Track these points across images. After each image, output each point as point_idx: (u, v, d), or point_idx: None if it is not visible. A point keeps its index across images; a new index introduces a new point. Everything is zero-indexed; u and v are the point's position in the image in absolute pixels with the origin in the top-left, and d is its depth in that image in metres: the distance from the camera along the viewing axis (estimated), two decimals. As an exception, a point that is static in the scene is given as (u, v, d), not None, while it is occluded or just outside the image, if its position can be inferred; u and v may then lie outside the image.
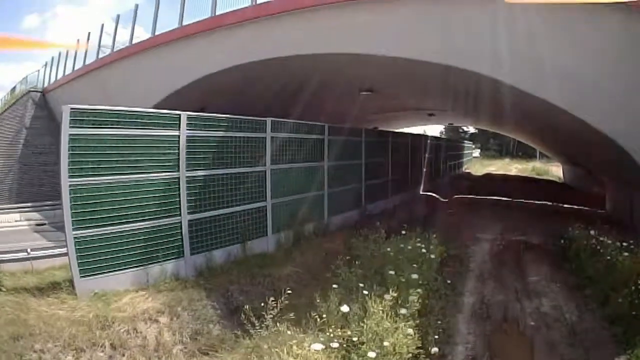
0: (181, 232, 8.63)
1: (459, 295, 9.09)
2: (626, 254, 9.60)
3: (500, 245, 13.48)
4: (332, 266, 8.20)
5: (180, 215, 8.65)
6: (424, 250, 9.31)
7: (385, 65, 12.07)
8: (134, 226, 7.93)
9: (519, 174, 40.52)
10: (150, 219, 8.19)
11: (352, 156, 15.44)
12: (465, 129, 66.10)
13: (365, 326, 6.04)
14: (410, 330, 6.19)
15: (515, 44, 9.36)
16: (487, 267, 11.27)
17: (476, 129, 63.26)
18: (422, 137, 28.15)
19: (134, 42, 16.94)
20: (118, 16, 18.56)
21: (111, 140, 7.68)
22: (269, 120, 10.87)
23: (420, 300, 7.21)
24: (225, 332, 6.92)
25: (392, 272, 7.86)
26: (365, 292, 6.78)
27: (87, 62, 20.11)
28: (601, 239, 11.04)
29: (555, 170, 39.82)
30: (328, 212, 13.43)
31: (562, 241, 12.37)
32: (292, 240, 11.17)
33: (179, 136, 8.64)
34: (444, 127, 56.48)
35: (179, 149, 8.62)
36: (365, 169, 16.31)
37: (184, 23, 14.64)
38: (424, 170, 26.18)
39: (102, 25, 19.61)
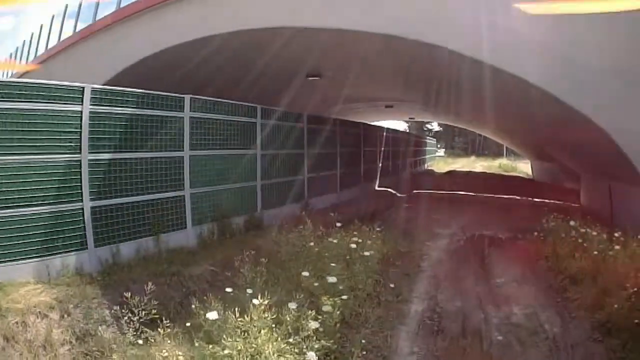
0: (83, 221, 8.12)
1: (403, 302, 7.88)
2: (618, 247, 8.42)
3: (461, 242, 12.65)
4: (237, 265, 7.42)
5: (82, 201, 8.12)
6: (358, 247, 8.42)
7: (321, 42, 11.92)
8: (32, 210, 7.50)
9: (484, 171, 39.73)
10: (49, 204, 7.73)
11: (292, 144, 14.75)
12: (429, 126, 66.59)
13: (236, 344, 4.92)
14: (311, 355, 4.90)
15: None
16: (443, 266, 10.24)
17: (440, 126, 63.86)
18: (378, 128, 26.91)
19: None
20: (66, 6, 19.74)
21: (4, 116, 7.23)
22: (187, 97, 10.24)
23: (341, 310, 6.24)
24: (117, 335, 6.40)
25: (306, 274, 7.02)
26: (256, 300, 5.53)
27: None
28: (583, 230, 9.81)
29: (524, 167, 39.54)
30: (262, 205, 12.80)
31: (536, 235, 11.21)
32: (216, 234, 10.64)
33: (81, 112, 8.07)
34: (407, 124, 55.77)
35: (81, 127, 8.08)
36: (308, 160, 15.79)
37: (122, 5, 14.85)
38: (380, 164, 25.61)
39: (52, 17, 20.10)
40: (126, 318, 6.19)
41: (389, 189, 23.52)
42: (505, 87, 10.96)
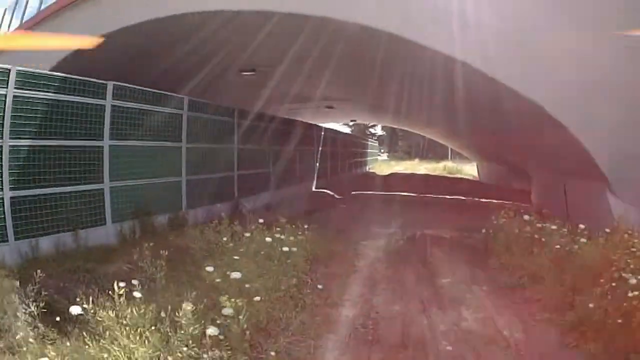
0: (3, 211, 8.02)
1: (333, 306, 6.93)
2: (584, 240, 7.45)
3: (401, 241, 11.73)
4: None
5: (1, 190, 8.02)
6: (282, 246, 7.75)
7: (250, 29, 11.65)
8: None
9: (428, 173, 39.54)
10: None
11: (221, 139, 14.73)
12: (372, 130, 66.55)
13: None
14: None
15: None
16: (381, 266, 9.29)
17: (384, 130, 64.34)
18: (315, 127, 26.48)
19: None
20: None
21: None
22: (110, 84, 10.08)
23: (253, 314, 5.33)
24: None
25: (210, 269, 6.25)
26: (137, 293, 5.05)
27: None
28: (540, 225, 8.88)
29: (470, 170, 39.46)
30: (187, 203, 12.56)
31: (484, 233, 10.40)
32: (138, 232, 10.43)
33: (5, 95, 8.00)
34: (350, 128, 55.46)
35: (4, 111, 8.02)
36: (239, 156, 15.67)
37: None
38: (318, 164, 25.44)
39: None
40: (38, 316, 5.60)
41: (327, 190, 22.94)
42: (462, 80, 10.66)
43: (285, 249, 7.58)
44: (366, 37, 10.25)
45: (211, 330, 4.45)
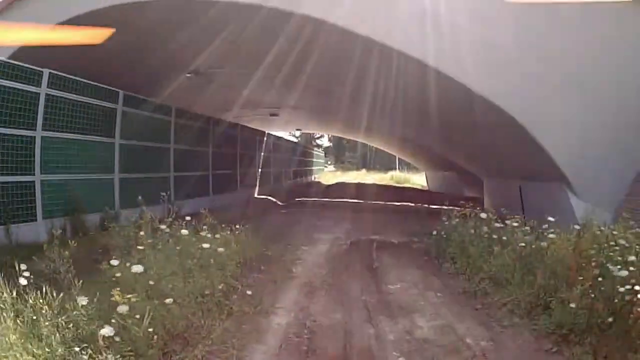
0: None
1: (263, 314, 6.14)
2: (553, 235, 6.64)
3: (344, 246, 10.98)
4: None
5: None
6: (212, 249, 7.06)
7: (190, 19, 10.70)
8: None
9: (375, 182, 39.02)
10: None
11: (157, 138, 14.45)
12: (319, 142, 66.48)
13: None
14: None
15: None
16: (321, 272, 8.47)
17: (331, 141, 64.25)
18: (258, 132, 26.11)
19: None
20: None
21: None
22: (46, 71, 9.82)
23: (159, 317, 4.84)
24: None
25: (115, 261, 5.66)
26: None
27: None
28: (499, 224, 8.10)
29: (418, 179, 39.58)
30: (121, 203, 12.14)
31: (436, 235, 9.74)
32: (69, 231, 9.95)
33: None
34: (297, 138, 54.72)
35: None
36: (175, 157, 15.25)
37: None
38: (260, 170, 25.07)
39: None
40: None
41: (270, 197, 22.68)
42: (413, 79, 10.74)
43: (215, 251, 6.94)
44: (310, 30, 9.84)
45: (105, 330, 3.94)
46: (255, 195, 23.03)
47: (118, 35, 10.97)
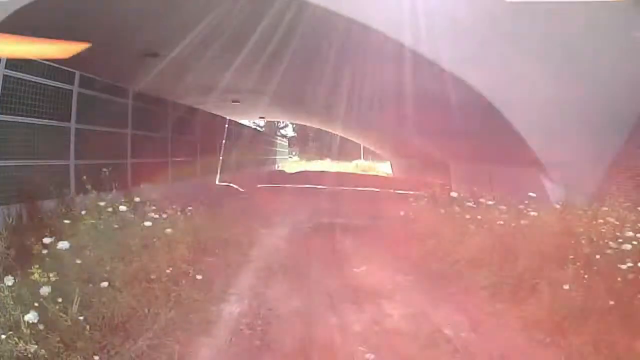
0: None
1: (213, 302, 5.53)
2: (535, 213, 6.23)
3: (306, 229, 10.47)
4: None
5: None
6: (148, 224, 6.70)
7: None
8: None
9: (339, 171, 38.48)
10: None
11: (113, 123, 13.45)
12: (283, 132, 65.70)
13: None
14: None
15: None
16: (280, 255, 7.92)
17: (295, 132, 65.61)
18: (219, 118, 25.47)
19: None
20: None
21: None
22: None
23: (89, 302, 4.38)
24: None
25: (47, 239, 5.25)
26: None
27: None
28: (472, 203, 7.72)
29: (384, 168, 38.80)
30: (76, 188, 11.28)
31: (403, 216, 9.35)
32: (25, 217, 9.51)
33: None
34: (261, 128, 54.11)
35: None
36: (133, 142, 14.32)
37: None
38: (222, 157, 24.31)
39: None
40: None
41: (232, 184, 22.11)
42: (383, 56, 10.05)
43: (163, 232, 6.53)
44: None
45: (30, 316, 3.71)
46: (217, 183, 22.44)
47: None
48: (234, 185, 21.42)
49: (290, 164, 49.63)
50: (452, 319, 4.72)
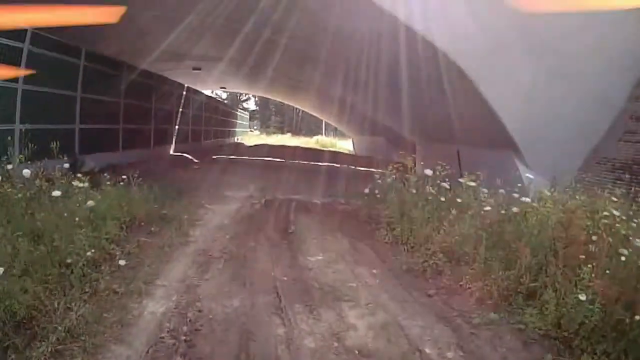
0: None
1: (135, 296, 4.48)
2: (527, 199, 5.20)
3: (257, 205, 9.34)
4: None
5: None
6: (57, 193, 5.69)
7: None
8: None
9: (299, 145, 37.05)
10: None
11: (62, 83, 12.49)
12: (245, 105, 64.13)
13: None
14: None
15: None
16: (224, 237, 6.81)
17: (257, 105, 64.27)
18: (176, 84, 23.97)
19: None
20: None
21: None
22: None
23: None
24: None
25: None
26: None
27: None
28: (448, 185, 6.62)
29: (345, 144, 38.78)
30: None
31: (367, 196, 8.28)
32: None
33: None
34: (222, 99, 52.80)
35: None
36: (82, 107, 13.43)
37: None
38: (177, 127, 23.38)
39: None
40: None
41: (186, 154, 20.97)
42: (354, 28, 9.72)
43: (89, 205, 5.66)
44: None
45: None
46: (171, 153, 21.55)
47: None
48: (188, 156, 20.36)
49: (251, 137, 48.46)
50: (433, 330, 3.69)
